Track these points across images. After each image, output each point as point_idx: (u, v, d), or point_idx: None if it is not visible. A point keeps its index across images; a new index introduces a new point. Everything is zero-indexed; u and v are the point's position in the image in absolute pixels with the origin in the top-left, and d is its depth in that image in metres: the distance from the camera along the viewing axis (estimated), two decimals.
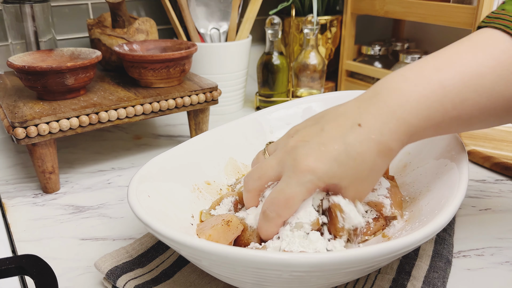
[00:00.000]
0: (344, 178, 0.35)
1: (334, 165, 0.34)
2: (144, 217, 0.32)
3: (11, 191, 0.56)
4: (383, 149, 0.35)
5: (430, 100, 0.35)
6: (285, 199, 0.35)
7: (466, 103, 0.35)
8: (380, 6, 0.76)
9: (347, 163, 0.34)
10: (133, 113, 0.57)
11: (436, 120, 0.35)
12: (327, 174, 0.34)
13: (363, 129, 0.35)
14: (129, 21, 0.68)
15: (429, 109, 0.35)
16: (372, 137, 0.34)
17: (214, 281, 0.38)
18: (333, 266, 0.27)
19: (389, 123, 0.35)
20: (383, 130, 0.34)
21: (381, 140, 0.34)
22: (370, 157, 0.34)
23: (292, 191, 0.35)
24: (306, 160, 0.35)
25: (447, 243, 0.42)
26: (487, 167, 0.59)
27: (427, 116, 0.35)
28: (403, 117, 0.34)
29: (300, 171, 0.35)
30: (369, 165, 0.35)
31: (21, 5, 0.65)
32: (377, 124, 0.35)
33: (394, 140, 0.35)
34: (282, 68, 0.79)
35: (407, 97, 0.35)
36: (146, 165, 0.41)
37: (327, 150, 0.35)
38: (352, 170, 0.35)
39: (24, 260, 0.33)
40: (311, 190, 0.35)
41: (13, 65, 0.53)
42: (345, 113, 0.36)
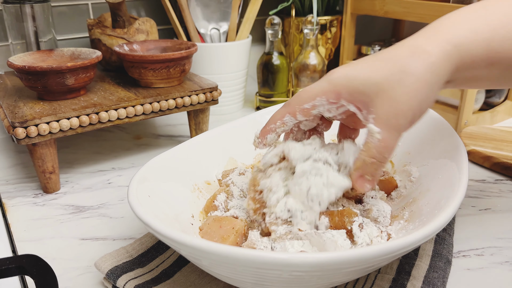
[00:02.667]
0: (369, 81, 0.32)
1: (358, 67, 0.33)
2: (145, 217, 0.32)
3: (11, 191, 0.56)
4: (417, 50, 0.32)
5: (472, 16, 0.34)
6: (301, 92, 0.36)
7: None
8: (380, 6, 0.76)
9: (373, 65, 0.32)
10: (133, 113, 0.57)
11: (484, 36, 0.33)
12: (344, 76, 0.33)
13: (398, 43, 0.34)
14: (129, 21, 0.68)
15: (473, 22, 0.33)
16: (408, 44, 0.33)
17: (214, 280, 0.38)
18: (333, 266, 0.27)
19: (425, 33, 0.33)
20: (418, 38, 0.33)
21: (415, 44, 0.32)
22: (400, 57, 0.32)
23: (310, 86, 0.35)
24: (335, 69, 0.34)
25: (447, 243, 0.42)
26: (487, 167, 0.59)
27: (470, 28, 0.33)
28: (442, 29, 0.33)
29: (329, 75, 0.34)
30: (399, 65, 0.31)
31: (21, 5, 0.65)
32: (416, 36, 0.33)
33: (431, 44, 0.32)
34: (282, 68, 0.79)
35: (448, 17, 0.34)
36: (146, 165, 0.41)
37: (357, 62, 0.34)
38: (379, 71, 0.32)
39: (24, 260, 0.33)
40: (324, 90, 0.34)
41: (14, 65, 0.53)
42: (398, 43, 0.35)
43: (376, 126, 0.32)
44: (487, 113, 0.72)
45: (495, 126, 0.70)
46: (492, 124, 0.73)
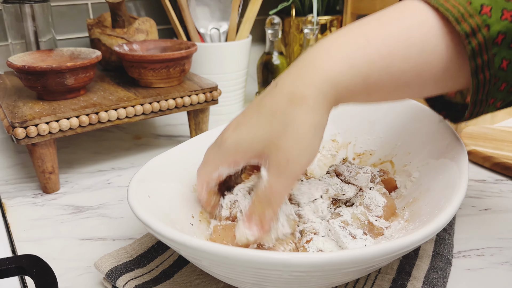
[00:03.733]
0: (255, 140, 0.33)
1: (243, 130, 0.34)
2: (145, 217, 0.32)
3: (11, 191, 0.56)
4: (294, 97, 0.32)
5: (351, 48, 0.33)
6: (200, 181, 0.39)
7: (393, 56, 0.33)
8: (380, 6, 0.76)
9: (257, 123, 0.33)
10: (133, 113, 0.57)
11: (362, 70, 0.32)
12: (239, 138, 0.34)
13: (277, 88, 0.34)
14: (129, 21, 0.68)
15: (351, 57, 0.32)
16: (284, 90, 0.33)
17: (214, 281, 0.38)
18: (333, 266, 0.27)
19: (302, 72, 0.33)
20: (295, 81, 0.33)
21: (292, 90, 0.33)
22: (279, 109, 0.32)
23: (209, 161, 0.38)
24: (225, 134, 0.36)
25: (447, 243, 0.42)
26: (488, 167, 0.59)
27: (349, 63, 0.32)
28: (318, 64, 0.33)
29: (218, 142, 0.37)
30: (280, 117, 0.32)
31: (21, 5, 0.65)
32: (290, 78, 0.33)
33: (307, 87, 0.32)
34: (282, 68, 0.79)
35: (324, 49, 0.33)
36: (146, 165, 0.41)
37: (243, 119, 0.35)
38: (264, 127, 0.33)
39: (24, 260, 0.33)
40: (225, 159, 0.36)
41: (13, 65, 0.53)
42: (271, 84, 0.36)
43: (267, 173, 0.33)
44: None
45: (495, 126, 0.70)
46: (492, 124, 0.73)
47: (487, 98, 0.36)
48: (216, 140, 0.38)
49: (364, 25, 0.34)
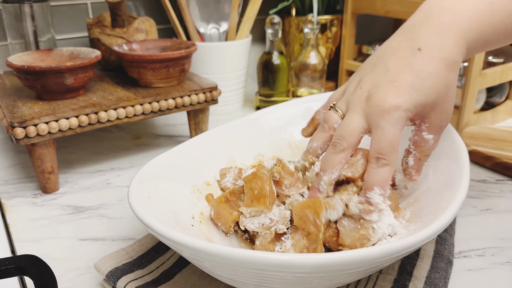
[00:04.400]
0: (427, 102, 0.37)
1: (413, 93, 0.36)
2: (146, 218, 0.32)
3: (10, 191, 0.55)
4: (450, 62, 0.37)
5: (481, 16, 0.37)
6: (389, 144, 0.36)
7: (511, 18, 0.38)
8: (381, 5, 0.75)
9: (424, 86, 0.36)
10: (133, 113, 0.57)
11: (487, 35, 0.38)
12: (411, 103, 0.36)
13: (424, 52, 0.37)
14: (128, 21, 0.68)
15: (481, 25, 0.37)
16: (436, 55, 0.37)
17: (214, 282, 0.38)
18: (336, 267, 0.27)
19: (448, 38, 0.37)
20: (443, 46, 0.37)
21: (445, 55, 0.37)
22: (441, 73, 0.37)
23: (391, 134, 0.36)
24: (388, 100, 0.36)
25: (448, 243, 0.42)
26: (488, 167, 0.59)
27: (479, 30, 0.37)
28: (460, 32, 0.37)
29: (387, 113, 0.36)
30: (444, 81, 0.37)
31: (20, 5, 0.64)
32: (436, 42, 0.37)
33: (457, 53, 0.37)
34: (282, 67, 0.79)
35: (460, 14, 0.37)
36: (146, 165, 0.40)
37: (401, 84, 0.36)
38: (431, 91, 0.37)
39: (23, 261, 0.33)
40: (404, 124, 0.37)
41: (12, 65, 0.53)
42: (400, 45, 0.39)
43: (428, 133, 0.39)
44: (488, 113, 0.72)
45: (496, 126, 0.70)
46: (493, 124, 0.73)
47: None
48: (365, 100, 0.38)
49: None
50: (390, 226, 0.36)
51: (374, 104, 0.36)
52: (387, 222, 0.36)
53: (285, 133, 0.53)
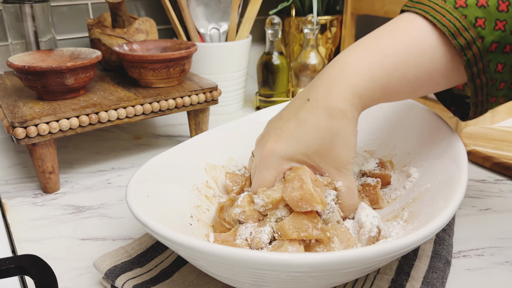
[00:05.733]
0: (309, 152, 0.37)
1: (292, 142, 0.37)
2: (142, 217, 0.32)
3: (11, 191, 0.56)
4: (333, 112, 0.36)
5: (370, 62, 0.37)
6: (258, 185, 0.39)
7: (408, 65, 0.37)
8: (380, 6, 0.76)
9: (303, 136, 0.37)
10: (133, 113, 0.57)
11: (380, 81, 0.37)
12: (287, 151, 0.38)
13: (311, 102, 0.37)
14: (129, 21, 0.68)
15: (371, 70, 0.37)
16: (320, 105, 0.37)
17: (212, 281, 0.38)
18: (331, 267, 0.27)
19: (333, 88, 0.37)
20: (328, 96, 0.37)
21: (328, 105, 0.37)
22: (323, 124, 0.37)
23: (261, 176, 0.39)
24: (266, 146, 0.38)
25: (446, 243, 0.42)
26: (487, 167, 0.59)
27: (370, 76, 0.37)
28: (345, 80, 0.37)
29: (264, 157, 0.38)
30: (327, 131, 0.37)
31: (21, 5, 0.65)
32: (322, 93, 0.37)
33: (342, 102, 0.36)
34: (282, 68, 0.79)
35: (348, 64, 0.37)
36: (145, 165, 0.41)
37: (283, 132, 0.38)
38: (312, 141, 0.37)
39: (24, 260, 0.33)
40: (279, 170, 0.38)
41: (13, 65, 0.53)
42: (298, 96, 0.40)
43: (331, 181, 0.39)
44: (487, 113, 0.72)
45: (495, 126, 0.70)
46: (492, 124, 0.73)
47: (488, 98, 0.39)
48: (258, 145, 0.40)
49: (379, 40, 0.38)
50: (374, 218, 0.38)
51: (259, 147, 0.40)
52: (366, 213, 0.38)
53: None
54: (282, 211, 0.37)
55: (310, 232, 0.34)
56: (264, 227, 0.37)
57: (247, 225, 0.38)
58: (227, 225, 0.39)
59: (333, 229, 0.36)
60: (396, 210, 0.42)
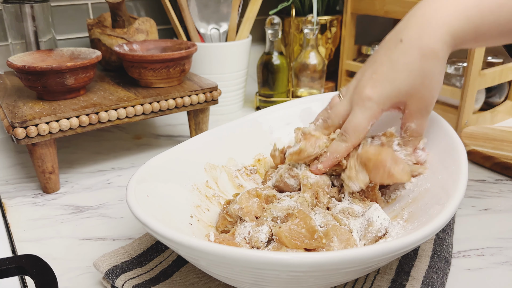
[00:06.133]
0: (400, 94, 0.39)
1: (386, 85, 0.39)
2: (142, 217, 0.32)
3: (11, 191, 0.56)
4: (426, 51, 0.37)
5: (467, 3, 0.37)
6: (353, 126, 0.41)
7: (502, 8, 0.37)
8: (380, 6, 0.75)
9: (396, 79, 0.39)
10: (133, 113, 0.57)
11: (475, 23, 0.37)
12: (382, 95, 0.39)
13: (404, 43, 0.38)
14: (129, 21, 0.68)
15: (467, 11, 0.37)
16: (413, 44, 0.38)
17: (212, 281, 0.38)
18: (331, 266, 0.27)
19: (428, 27, 0.37)
20: (422, 36, 0.38)
21: (421, 44, 0.37)
22: (415, 64, 0.38)
23: (358, 119, 0.41)
24: (363, 91, 0.40)
25: (446, 243, 0.42)
26: (487, 167, 0.59)
27: (465, 17, 0.37)
28: (442, 20, 0.37)
29: (361, 102, 0.41)
30: (418, 72, 0.38)
31: (21, 5, 0.65)
32: (416, 33, 0.38)
33: (435, 42, 0.37)
34: (282, 68, 0.79)
35: (445, 4, 0.38)
36: (145, 165, 0.41)
37: (378, 75, 0.40)
38: (404, 83, 0.38)
39: (24, 260, 0.33)
40: (375, 113, 0.41)
41: (13, 65, 0.53)
42: (389, 38, 0.41)
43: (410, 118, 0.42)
44: (488, 113, 0.72)
45: (495, 126, 0.70)
46: (492, 124, 0.73)
47: None
48: (353, 88, 0.43)
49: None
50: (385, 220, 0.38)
51: (356, 92, 0.42)
52: (377, 214, 0.39)
53: (285, 133, 0.53)
54: (278, 212, 0.38)
55: (307, 243, 0.35)
56: (261, 226, 0.37)
57: (246, 224, 0.38)
58: (229, 218, 0.40)
59: (333, 229, 0.36)
60: (396, 210, 0.42)
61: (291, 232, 0.35)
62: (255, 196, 0.41)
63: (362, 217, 0.40)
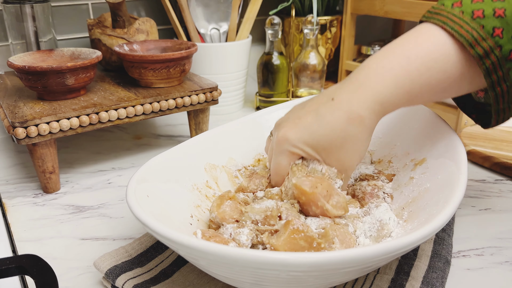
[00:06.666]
0: (318, 147, 0.39)
1: (305, 133, 0.39)
2: (142, 217, 0.32)
3: (11, 191, 0.56)
4: (353, 116, 0.37)
5: (395, 69, 0.37)
6: (275, 165, 0.42)
7: (431, 71, 0.37)
8: (380, 6, 0.76)
9: (317, 131, 0.38)
10: (133, 113, 0.57)
11: (405, 87, 0.37)
12: (299, 140, 0.39)
13: (334, 102, 0.38)
14: (129, 21, 0.69)
15: (397, 77, 0.37)
16: (342, 107, 0.38)
17: (212, 280, 0.38)
18: (331, 266, 0.27)
19: (357, 93, 0.38)
20: (351, 100, 0.38)
21: (350, 109, 0.37)
22: (339, 125, 0.38)
23: (277, 160, 0.41)
24: (283, 132, 0.40)
25: (446, 243, 0.42)
26: (487, 167, 0.59)
27: (395, 83, 0.37)
28: (370, 86, 0.37)
29: (278, 143, 0.40)
30: (340, 133, 0.38)
31: (21, 5, 0.65)
32: (347, 96, 0.38)
33: (364, 108, 0.37)
34: (282, 68, 0.79)
35: (374, 69, 0.38)
36: (145, 165, 0.41)
37: (300, 122, 0.40)
38: (324, 138, 0.38)
39: (24, 260, 0.33)
40: (291, 156, 0.40)
41: (14, 65, 0.53)
42: (324, 92, 0.41)
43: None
44: None
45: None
46: None
47: (510, 105, 0.40)
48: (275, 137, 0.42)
49: (404, 46, 0.39)
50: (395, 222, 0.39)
51: (276, 130, 0.42)
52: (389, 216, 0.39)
53: None
54: (255, 215, 0.38)
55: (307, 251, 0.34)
56: (242, 228, 0.37)
57: (227, 226, 0.38)
58: (213, 225, 0.40)
59: (333, 230, 0.36)
60: (396, 210, 0.42)
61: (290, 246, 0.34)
62: (228, 199, 0.40)
63: (369, 218, 0.39)
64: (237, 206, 0.40)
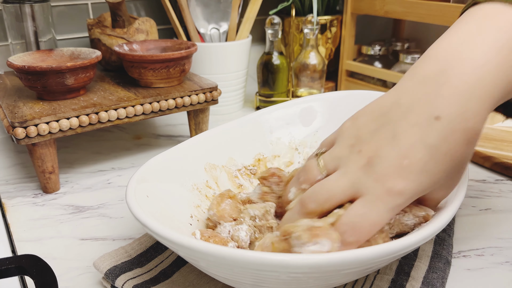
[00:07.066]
0: (435, 185, 0.31)
1: (423, 178, 0.30)
2: (142, 217, 0.32)
3: (11, 191, 0.56)
4: (472, 135, 0.30)
5: (502, 63, 0.30)
6: (370, 225, 0.30)
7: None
8: (380, 6, 0.75)
9: (436, 169, 0.30)
10: (133, 113, 0.57)
11: (509, 78, 0.31)
12: (417, 190, 0.30)
13: (443, 122, 0.29)
14: (129, 21, 0.68)
15: (506, 72, 0.30)
16: (458, 127, 0.29)
17: (212, 281, 0.38)
18: (332, 268, 0.27)
19: (472, 104, 0.29)
20: (466, 115, 0.29)
21: (467, 127, 0.29)
22: (459, 151, 0.30)
23: (380, 217, 0.30)
24: (391, 181, 0.30)
25: (446, 243, 0.42)
26: (487, 167, 0.59)
27: (506, 81, 0.30)
28: (486, 92, 0.30)
29: (387, 195, 0.30)
30: (460, 160, 0.30)
31: (21, 5, 0.65)
32: (458, 110, 0.29)
33: (480, 121, 0.30)
34: (282, 68, 0.79)
35: (485, 67, 0.30)
36: (144, 165, 0.41)
37: (411, 164, 0.30)
38: (442, 173, 0.30)
39: (24, 260, 0.33)
40: (398, 211, 0.31)
41: (13, 65, 0.53)
42: (412, 106, 0.31)
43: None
44: None
45: (495, 126, 0.70)
46: (492, 124, 0.73)
47: None
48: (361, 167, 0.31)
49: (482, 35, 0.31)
50: None
51: (374, 178, 0.30)
52: None
53: (285, 133, 0.53)
54: (255, 210, 0.38)
55: None
56: (241, 225, 0.37)
57: (225, 224, 0.38)
58: (210, 223, 0.40)
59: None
60: None
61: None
62: (228, 197, 0.40)
63: None
64: (237, 206, 0.40)
